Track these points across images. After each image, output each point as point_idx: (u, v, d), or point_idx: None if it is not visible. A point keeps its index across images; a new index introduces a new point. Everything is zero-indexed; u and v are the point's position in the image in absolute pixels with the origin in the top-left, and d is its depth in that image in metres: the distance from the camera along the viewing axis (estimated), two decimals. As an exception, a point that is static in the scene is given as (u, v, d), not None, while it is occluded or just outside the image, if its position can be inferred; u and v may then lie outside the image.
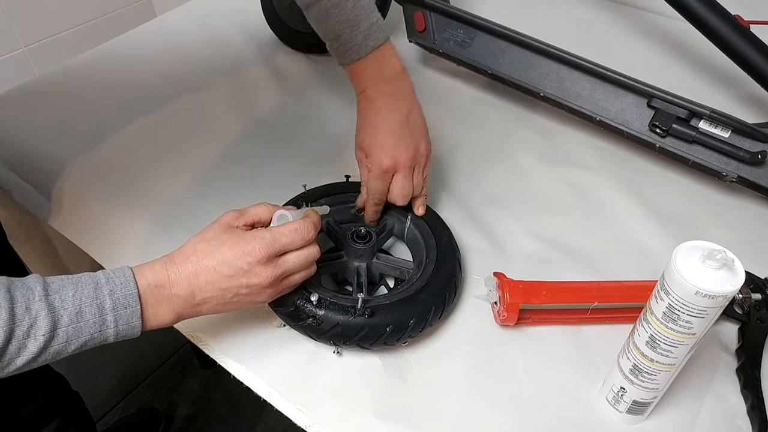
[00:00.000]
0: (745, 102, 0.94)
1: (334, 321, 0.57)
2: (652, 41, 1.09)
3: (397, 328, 0.58)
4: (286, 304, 0.59)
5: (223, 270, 0.52)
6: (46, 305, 0.45)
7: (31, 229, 0.89)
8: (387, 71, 0.66)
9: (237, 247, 0.52)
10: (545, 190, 0.83)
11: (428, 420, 0.56)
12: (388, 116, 0.65)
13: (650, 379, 0.52)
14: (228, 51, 1.10)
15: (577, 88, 0.84)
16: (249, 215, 0.56)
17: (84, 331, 0.47)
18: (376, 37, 0.65)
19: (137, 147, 0.88)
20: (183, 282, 0.51)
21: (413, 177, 0.67)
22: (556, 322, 0.65)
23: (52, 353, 0.46)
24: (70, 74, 1.03)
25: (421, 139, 0.67)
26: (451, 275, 0.63)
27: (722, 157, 0.77)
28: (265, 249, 0.52)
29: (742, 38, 0.79)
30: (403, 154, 0.65)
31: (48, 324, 0.45)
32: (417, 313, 0.59)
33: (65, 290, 0.46)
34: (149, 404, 1.37)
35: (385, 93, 0.66)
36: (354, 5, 0.63)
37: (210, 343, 0.62)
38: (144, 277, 0.50)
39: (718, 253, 0.44)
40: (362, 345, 0.58)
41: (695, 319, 0.46)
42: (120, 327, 0.48)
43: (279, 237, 0.54)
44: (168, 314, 0.52)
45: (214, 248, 0.52)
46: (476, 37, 0.92)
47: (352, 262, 0.66)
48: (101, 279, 0.48)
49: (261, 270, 0.53)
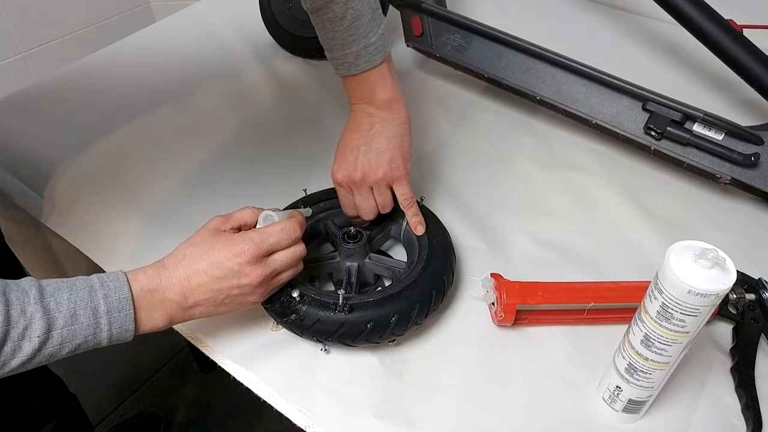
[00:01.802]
0: (739, 105, 0.95)
1: (315, 317, 0.58)
2: (647, 45, 1.10)
3: (378, 324, 0.58)
4: (272, 300, 0.60)
5: (214, 272, 0.53)
6: (41, 308, 0.46)
7: (30, 233, 0.89)
8: (373, 96, 0.66)
9: (226, 248, 0.54)
10: (542, 193, 0.84)
11: (427, 420, 0.57)
12: (356, 134, 0.66)
13: (645, 378, 0.52)
14: (227, 55, 1.11)
15: (573, 92, 0.85)
16: (235, 219, 0.58)
17: (78, 333, 0.47)
18: (369, 60, 0.64)
19: (137, 150, 0.89)
20: (175, 286, 0.52)
21: (375, 195, 0.67)
22: (552, 322, 0.66)
23: (46, 355, 0.47)
24: (71, 79, 1.04)
25: (381, 162, 0.65)
26: (440, 274, 0.63)
27: (716, 160, 0.78)
28: (254, 249, 0.54)
29: (735, 42, 0.80)
30: (352, 171, 0.65)
31: (43, 326, 0.45)
32: (399, 310, 0.59)
33: (60, 293, 0.47)
34: (148, 408, 1.38)
35: (366, 113, 0.66)
36: (350, 24, 0.62)
37: (210, 345, 0.63)
38: (137, 281, 0.51)
39: (709, 252, 0.45)
40: (344, 341, 0.59)
41: (688, 318, 0.46)
42: (113, 330, 0.49)
43: (267, 237, 0.55)
44: (161, 318, 0.53)
45: (204, 251, 0.54)
46: (473, 41, 0.93)
47: (344, 262, 0.67)
48: (95, 283, 0.49)
49: (251, 270, 0.54)
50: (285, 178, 0.84)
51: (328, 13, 0.62)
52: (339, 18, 0.62)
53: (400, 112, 0.67)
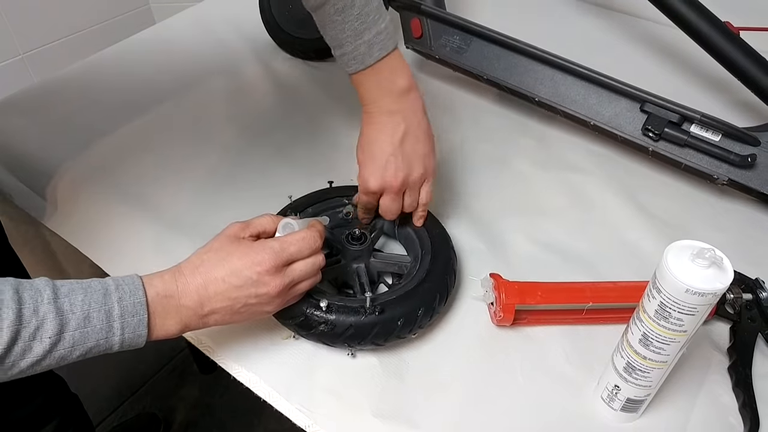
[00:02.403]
0: (735, 106, 0.96)
1: (346, 323, 0.58)
2: (645, 47, 1.11)
3: (408, 320, 0.59)
4: (295, 314, 0.59)
5: (232, 280, 0.52)
6: (54, 308, 0.45)
7: (30, 234, 0.89)
8: (392, 86, 0.63)
9: (246, 257, 0.52)
10: (541, 193, 0.84)
11: (426, 419, 0.57)
12: (382, 136, 0.64)
13: (643, 377, 0.53)
14: (227, 57, 1.11)
15: (572, 93, 0.86)
16: (254, 226, 0.57)
17: (90, 336, 0.46)
18: (383, 47, 0.62)
19: (137, 151, 0.89)
20: (192, 293, 0.51)
21: (403, 198, 0.66)
22: (551, 322, 0.66)
23: (57, 357, 0.46)
24: (72, 79, 1.04)
25: (416, 162, 0.64)
26: (449, 261, 0.65)
27: (713, 161, 0.78)
28: (274, 259, 0.53)
29: (731, 44, 0.81)
30: (391, 178, 0.63)
31: (55, 327, 0.44)
32: (424, 303, 0.60)
33: (74, 294, 0.46)
34: (148, 409, 1.37)
35: (387, 111, 0.64)
36: (360, 11, 0.60)
37: (210, 345, 0.63)
38: (153, 286, 0.50)
39: (707, 251, 0.45)
40: (376, 342, 0.59)
41: (686, 317, 0.47)
42: (126, 335, 0.48)
43: (287, 246, 0.54)
44: (175, 325, 0.52)
45: (222, 258, 0.53)
46: (472, 43, 0.93)
47: (351, 265, 0.67)
48: (111, 286, 0.48)
49: (270, 279, 0.53)
50: (284, 177, 0.84)
51: (336, 4, 0.60)
52: (348, 6, 0.60)
53: (418, 101, 0.65)
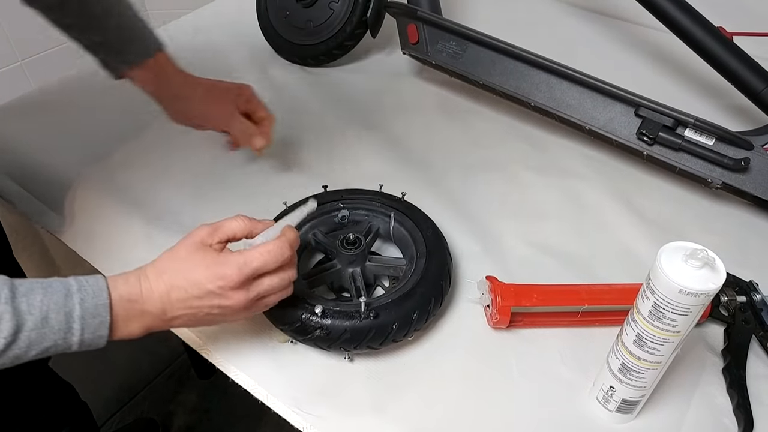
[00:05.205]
0: (729, 111, 0.97)
1: (342, 328, 0.58)
2: (640, 53, 1.12)
3: (402, 323, 0.59)
4: (291, 320, 0.59)
5: (193, 291, 0.51)
6: (11, 308, 0.44)
7: (28, 239, 0.90)
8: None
9: (209, 270, 0.51)
10: (536, 197, 0.85)
11: (423, 420, 0.58)
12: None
13: (638, 378, 0.53)
14: (224, 62, 1.12)
15: (567, 98, 0.86)
16: (223, 231, 0.54)
17: (48, 337, 0.46)
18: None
19: (137, 155, 0.89)
20: (156, 300, 0.51)
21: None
22: (547, 324, 0.66)
23: (11, 357, 0.45)
24: (69, 86, 1.05)
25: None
26: (443, 264, 0.65)
27: (707, 165, 0.79)
28: (237, 274, 0.51)
29: (725, 49, 0.82)
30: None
31: (10, 327, 0.44)
32: (419, 306, 0.60)
33: (33, 294, 0.45)
34: (146, 414, 1.37)
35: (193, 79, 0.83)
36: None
37: (209, 348, 0.63)
38: (117, 288, 0.50)
39: (699, 252, 0.46)
40: (372, 346, 0.59)
41: (679, 317, 0.47)
42: (86, 336, 0.48)
43: (251, 261, 0.52)
44: (138, 328, 0.51)
45: (186, 269, 0.52)
46: (468, 48, 0.94)
47: (346, 269, 0.67)
48: (73, 286, 0.48)
49: (233, 294, 0.52)
50: (283, 182, 0.85)
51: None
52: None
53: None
